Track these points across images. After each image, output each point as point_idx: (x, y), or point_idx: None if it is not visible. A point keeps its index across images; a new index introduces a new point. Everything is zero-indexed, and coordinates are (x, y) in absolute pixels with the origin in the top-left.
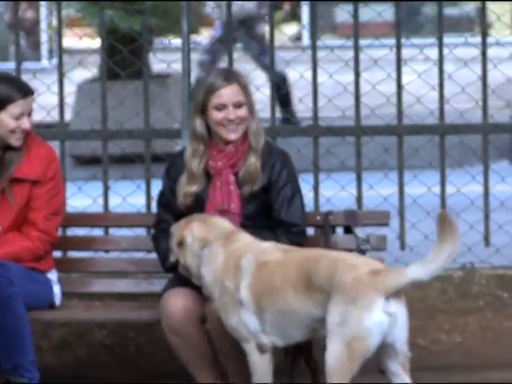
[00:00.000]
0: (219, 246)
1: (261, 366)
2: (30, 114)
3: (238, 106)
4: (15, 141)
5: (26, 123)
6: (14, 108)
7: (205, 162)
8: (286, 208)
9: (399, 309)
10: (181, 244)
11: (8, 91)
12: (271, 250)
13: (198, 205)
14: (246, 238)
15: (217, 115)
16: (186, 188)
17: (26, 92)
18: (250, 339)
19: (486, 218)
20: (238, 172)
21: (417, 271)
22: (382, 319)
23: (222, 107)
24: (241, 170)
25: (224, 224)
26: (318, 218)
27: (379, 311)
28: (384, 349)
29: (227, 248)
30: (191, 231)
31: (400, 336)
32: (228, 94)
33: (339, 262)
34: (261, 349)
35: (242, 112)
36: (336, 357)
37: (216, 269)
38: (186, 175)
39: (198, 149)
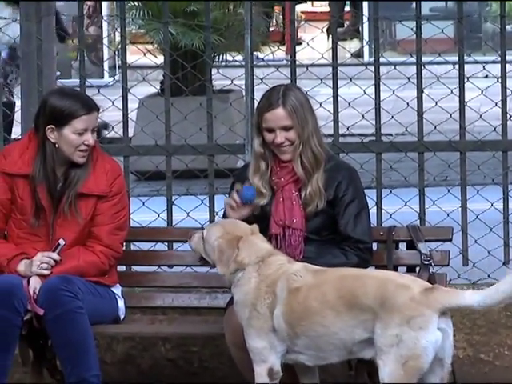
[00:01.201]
0: (253, 271)
1: None
2: (94, 130)
3: (285, 129)
4: (79, 158)
5: (89, 139)
6: (78, 123)
7: (269, 178)
8: (352, 224)
9: (448, 323)
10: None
11: (72, 107)
12: (302, 272)
13: (263, 220)
14: (279, 261)
15: (268, 137)
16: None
17: (91, 107)
18: (265, 363)
19: None
20: (301, 188)
21: (474, 299)
22: (437, 337)
23: (270, 130)
24: (303, 189)
25: (262, 245)
26: (381, 233)
27: (434, 329)
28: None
29: (260, 273)
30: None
31: (449, 350)
32: (272, 119)
33: (388, 282)
34: (271, 375)
35: (290, 135)
36: (393, 377)
37: (247, 292)
38: None
39: (259, 167)
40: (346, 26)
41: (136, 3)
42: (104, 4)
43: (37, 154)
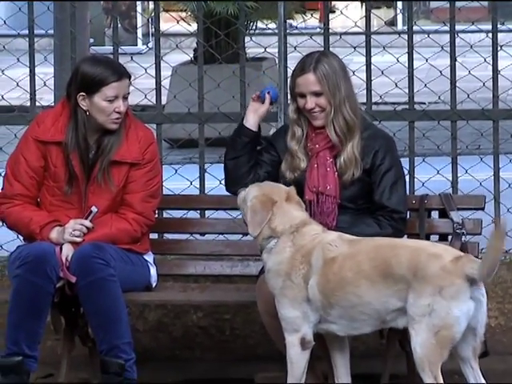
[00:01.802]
0: (287, 240)
1: (298, 361)
2: (126, 97)
3: (315, 94)
4: (110, 124)
5: (120, 106)
6: (109, 90)
7: (304, 144)
8: (388, 193)
9: (482, 292)
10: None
11: (103, 74)
12: (337, 242)
13: (298, 185)
14: (313, 231)
15: (300, 102)
16: (294, 163)
17: (121, 74)
18: (297, 333)
19: None
20: (337, 155)
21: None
22: (469, 306)
23: (301, 95)
24: (338, 156)
25: (296, 213)
26: (414, 201)
27: (467, 299)
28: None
29: (295, 242)
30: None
31: (482, 319)
32: (303, 83)
33: (421, 251)
34: (303, 344)
35: (321, 101)
36: (425, 346)
37: (281, 261)
38: (288, 152)
39: (294, 132)
40: None
41: None
42: None
43: (69, 122)
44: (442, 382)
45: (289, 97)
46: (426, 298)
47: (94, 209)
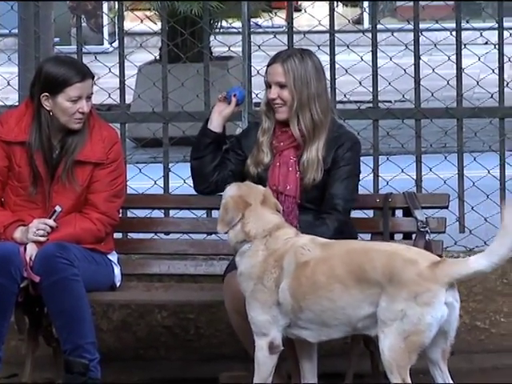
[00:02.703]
0: (260, 244)
1: (265, 364)
2: (89, 97)
3: (280, 86)
4: (74, 124)
5: (84, 107)
6: (72, 91)
7: (271, 141)
8: (337, 184)
9: (455, 296)
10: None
11: (66, 74)
12: (310, 246)
13: (260, 180)
14: (286, 235)
15: (268, 92)
16: (258, 157)
17: (85, 75)
18: (266, 337)
19: None
20: (301, 154)
21: (481, 263)
22: (443, 312)
23: (269, 85)
24: (302, 157)
25: (270, 217)
26: (378, 200)
27: (441, 305)
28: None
29: (268, 246)
30: (243, 219)
31: (454, 323)
32: (270, 72)
33: (397, 256)
34: (271, 349)
35: (284, 93)
36: (393, 350)
37: (254, 265)
38: (255, 147)
39: (264, 125)
40: None
41: None
42: None
43: (32, 122)
44: (410, 383)
45: (253, 96)
46: (399, 303)
47: (57, 208)
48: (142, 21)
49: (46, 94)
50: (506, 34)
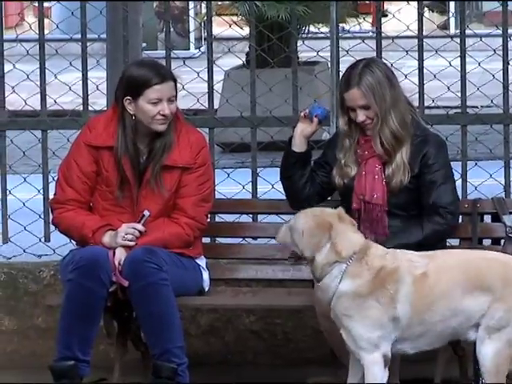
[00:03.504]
0: (360, 264)
1: (383, 379)
2: (171, 100)
3: (364, 108)
4: (157, 126)
5: (165, 109)
6: (151, 93)
7: (355, 150)
8: (435, 191)
9: None
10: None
11: (145, 76)
12: (416, 258)
13: (347, 193)
14: (380, 251)
15: (352, 115)
16: (343, 171)
17: (164, 77)
18: (378, 350)
19: None
20: (386, 163)
21: None
22: None
23: (352, 109)
24: (388, 166)
25: (355, 236)
26: (466, 205)
27: None
28: None
29: (371, 265)
30: (331, 239)
31: None
32: (351, 99)
33: (511, 264)
34: (385, 362)
35: (370, 113)
36: (499, 355)
37: (361, 284)
38: (339, 161)
39: (344, 143)
40: None
41: None
42: None
43: (118, 126)
44: None
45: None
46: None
47: (146, 213)
48: (230, 25)
49: (129, 97)
50: None
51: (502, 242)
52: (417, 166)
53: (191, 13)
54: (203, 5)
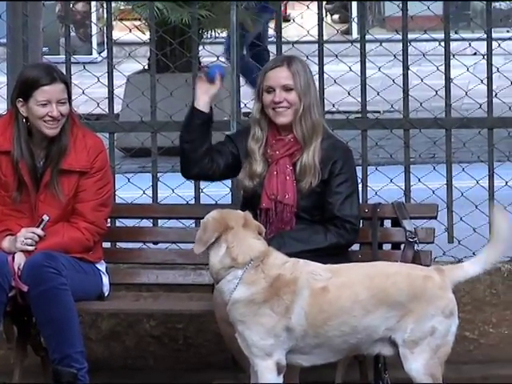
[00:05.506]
0: (256, 271)
1: None
2: (60, 102)
3: (286, 89)
4: (47, 129)
5: (53, 111)
6: (40, 94)
7: (264, 150)
8: (342, 204)
9: None
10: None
11: (35, 77)
12: (318, 271)
13: (255, 193)
14: (279, 260)
15: (266, 98)
16: (251, 169)
17: (53, 78)
18: (271, 357)
19: None
20: (296, 162)
21: (476, 268)
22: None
23: (271, 90)
24: (299, 160)
25: (255, 243)
26: (366, 210)
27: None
28: None
29: (267, 273)
30: (227, 243)
31: None
32: (275, 76)
33: (415, 275)
34: (279, 369)
35: (291, 96)
36: (429, 366)
37: (256, 292)
38: (248, 159)
39: (255, 133)
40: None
41: None
42: None
43: (13, 130)
44: None
45: (241, 105)
46: (428, 320)
47: (45, 217)
48: (130, 30)
49: (21, 99)
50: (494, 44)
51: (402, 246)
52: (326, 172)
53: (93, 17)
54: (105, 9)
